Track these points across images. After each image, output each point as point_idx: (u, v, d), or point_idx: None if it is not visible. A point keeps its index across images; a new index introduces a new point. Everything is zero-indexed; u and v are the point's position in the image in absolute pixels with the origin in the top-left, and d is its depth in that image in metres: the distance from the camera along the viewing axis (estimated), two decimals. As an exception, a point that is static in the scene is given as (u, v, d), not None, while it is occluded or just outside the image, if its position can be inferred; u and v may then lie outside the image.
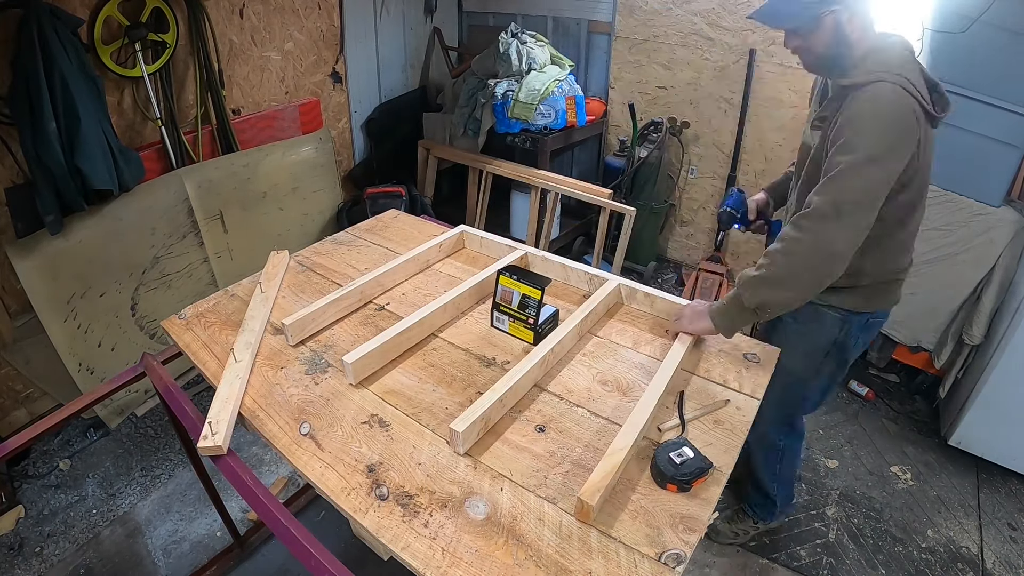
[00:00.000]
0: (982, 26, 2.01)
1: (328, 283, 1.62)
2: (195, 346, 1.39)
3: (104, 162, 2.11)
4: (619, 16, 3.39)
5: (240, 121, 2.83)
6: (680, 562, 0.89)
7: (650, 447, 1.10)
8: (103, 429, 2.46)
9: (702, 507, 0.99)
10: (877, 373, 2.87)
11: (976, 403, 2.22)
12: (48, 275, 2.17)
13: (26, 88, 1.94)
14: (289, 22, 2.97)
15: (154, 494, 2.20)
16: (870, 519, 2.13)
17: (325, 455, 1.09)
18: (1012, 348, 2.10)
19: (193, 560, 1.95)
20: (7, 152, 2.11)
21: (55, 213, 2.09)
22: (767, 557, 1.98)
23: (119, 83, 2.38)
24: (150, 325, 2.53)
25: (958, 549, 2.02)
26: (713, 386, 1.27)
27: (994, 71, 2.06)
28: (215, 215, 2.69)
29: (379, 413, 1.18)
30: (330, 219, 3.23)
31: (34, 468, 2.29)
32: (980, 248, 2.29)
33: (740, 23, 3.04)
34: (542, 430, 1.15)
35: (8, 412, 2.34)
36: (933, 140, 1.37)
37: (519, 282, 1.35)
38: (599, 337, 1.41)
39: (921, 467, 2.35)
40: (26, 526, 2.07)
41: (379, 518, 0.97)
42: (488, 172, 3.35)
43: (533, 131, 3.15)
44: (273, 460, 2.33)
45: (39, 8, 1.93)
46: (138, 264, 2.45)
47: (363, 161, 3.62)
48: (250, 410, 1.19)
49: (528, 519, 0.97)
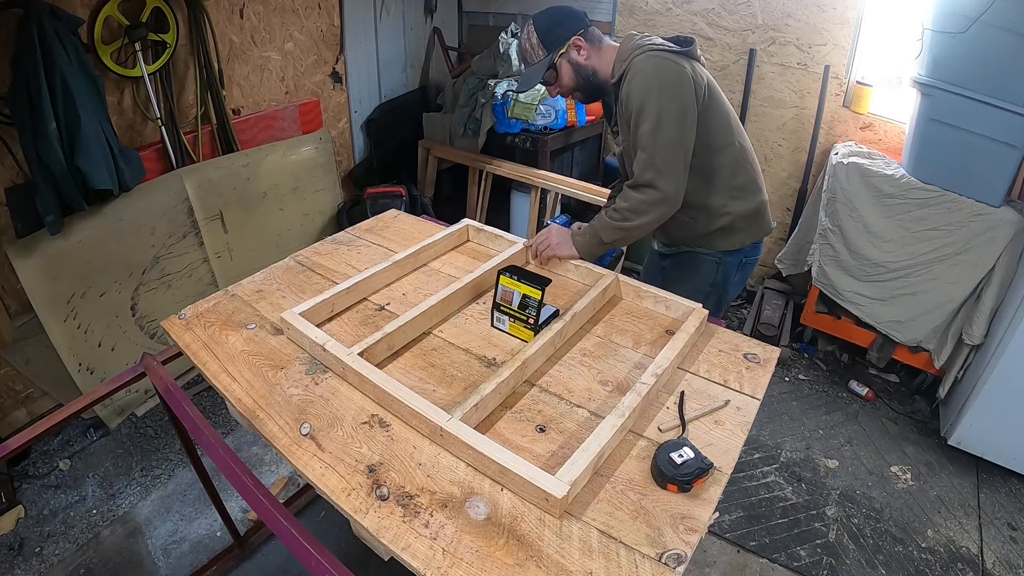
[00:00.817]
0: (982, 26, 2.01)
1: (328, 283, 1.62)
2: (195, 346, 1.39)
3: (104, 162, 2.11)
4: (619, 16, 3.39)
5: (240, 121, 2.83)
6: (681, 562, 0.89)
7: (650, 447, 1.10)
8: (103, 429, 2.46)
9: (702, 507, 0.99)
10: (877, 373, 2.87)
11: (976, 403, 2.22)
12: (48, 275, 2.17)
13: (26, 88, 1.93)
14: (289, 22, 2.97)
15: (154, 494, 2.20)
16: (870, 519, 2.13)
17: (325, 455, 1.09)
18: (1012, 348, 2.10)
19: (193, 560, 1.95)
20: (7, 152, 2.11)
21: (55, 213, 2.09)
22: (767, 557, 1.98)
23: (119, 83, 2.38)
24: (150, 325, 2.53)
25: (958, 549, 2.03)
26: (713, 386, 1.27)
27: (994, 71, 2.06)
28: (215, 215, 2.69)
29: (379, 413, 1.18)
30: (330, 219, 3.23)
31: (34, 468, 2.29)
32: (980, 248, 2.30)
33: (740, 23, 3.04)
34: (542, 430, 1.15)
35: (8, 412, 2.34)
36: (708, 75, 1.57)
37: (519, 282, 1.35)
38: (599, 337, 1.42)
39: (921, 467, 2.35)
40: (26, 526, 2.07)
41: (379, 518, 0.97)
42: (488, 172, 3.35)
43: (533, 131, 3.16)
44: (273, 460, 2.33)
45: (39, 8, 1.93)
46: (138, 264, 2.45)
47: (363, 161, 3.62)
48: (250, 410, 1.19)
49: (529, 519, 0.97)
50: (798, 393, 2.74)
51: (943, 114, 2.22)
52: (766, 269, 3.40)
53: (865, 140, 2.89)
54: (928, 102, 2.26)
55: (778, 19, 2.94)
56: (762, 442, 2.45)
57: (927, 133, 2.30)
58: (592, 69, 1.60)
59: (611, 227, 1.56)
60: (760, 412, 1.23)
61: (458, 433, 1.05)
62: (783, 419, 2.58)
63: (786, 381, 2.80)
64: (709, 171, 1.61)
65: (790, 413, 2.62)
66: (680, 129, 1.46)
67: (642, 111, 1.46)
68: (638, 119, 1.47)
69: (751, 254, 1.77)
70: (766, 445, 2.44)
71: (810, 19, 2.86)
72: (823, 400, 2.71)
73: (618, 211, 1.55)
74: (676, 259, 1.83)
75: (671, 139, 1.45)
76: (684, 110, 1.46)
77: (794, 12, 2.89)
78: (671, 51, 1.48)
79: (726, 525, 2.08)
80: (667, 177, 1.46)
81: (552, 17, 1.60)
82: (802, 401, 2.70)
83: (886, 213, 2.46)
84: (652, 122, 1.44)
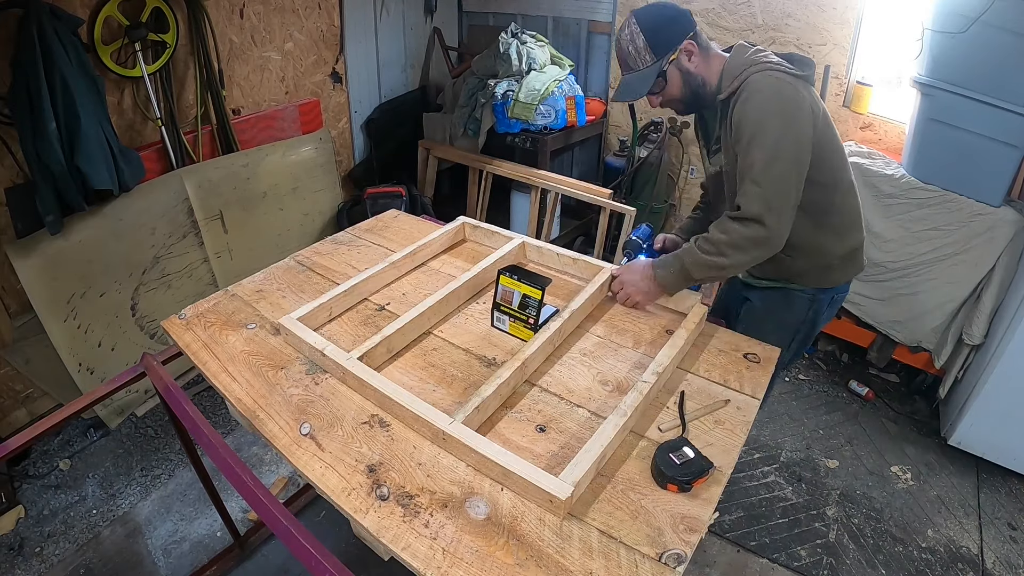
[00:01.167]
0: (982, 26, 2.01)
1: (328, 283, 1.62)
2: (195, 346, 1.39)
3: (104, 162, 2.11)
4: (619, 16, 3.39)
5: (240, 121, 2.83)
6: (681, 562, 0.89)
7: (651, 447, 1.10)
8: (103, 429, 2.46)
9: (702, 507, 0.99)
10: (877, 373, 2.87)
11: (976, 403, 2.22)
12: (48, 275, 2.17)
13: (26, 88, 1.93)
14: (289, 22, 2.97)
15: (154, 494, 2.20)
16: (870, 519, 2.13)
17: (325, 455, 1.09)
18: (1012, 348, 2.10)
19: (193, 560, 1.95)
20: (7, 152, 2.11)
21: (55, 213, 2.09)
22: (767, 557, 1.98)
23: (119, 83, 2.38)
24: (150, 325, 2.53)
25: (958, 549, 2.03)
26: (713, 386, 1.27)
27: (994, 71, 2.06)
28: (215, 215, 2.69)
29: (379, 413, 1.18)
30: (330, 219, 3.23)
31: (34, 468, 2.29)
32: (980, 248, 2.29)
33: (740, 23, 3.04)
34: (542, 430, 1.15)
35: (8, 412, 2.34)
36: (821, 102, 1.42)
37: (519, 282, 1.35)
38: (599, 337, 1.41)
39: (921, 467, 2.35)
40: (26, 526, 2.07)
41: (379, 518, 0.97)
42: (488, 172, 3.35)
43: (533, 131, 3.15)
44: (273, 460, 2.33)
45: (39, 8, 1.93)
46: (138, 264, 2.45)
47: (363, 161, 3.62)
48: (250, 410, 1.19)
49: (529, 519, 0.97)
50: (798, 393, 2.74)
51: (943, 114, 2.22)
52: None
53: (865, 140, 2.89)
54: (928, 102, 2.26)
55: (778, 19, 2.94)
56: (762, 442, 2.45)
57: (927, 133, 2.30)
58: (701, 78, 1.43)
59: (703, 263, 1.38)
60: (760, 412, 1.23)
61: (461, 437, 1.05)
62: (783, 419, 2.58)
63: (786, 381, 2.80)
64: (815, 208, 1.44)
65: (790, 413, 2.62)
66: (796, 164, 1.31)
67: (756, 138, 1.30)
68: (750, 146, 1.31)
69: (843, 290, 1.64)
70: (766, 445, 2.44)
71: (810, 19, 2.86)
72: (823, 400, 2.71)
73: (713, 244, 1.36)
74: (764, 293, 1.64)
75: (786, 173, 1.30)
76: (801, 143, 1.31)
77: (794, 12, 2.89)
78: (791, 73, 1.32)
79: (726, 525, 2.08)
80: (776, 214, 1.30)
81: (660, 16, 1.41)
82: (802, 401, 2.70)
83: (886, 213, 2.46)
84: (768, 152, 1.28)
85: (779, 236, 1.32)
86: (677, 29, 1.39)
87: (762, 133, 1.29)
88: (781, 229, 1.32)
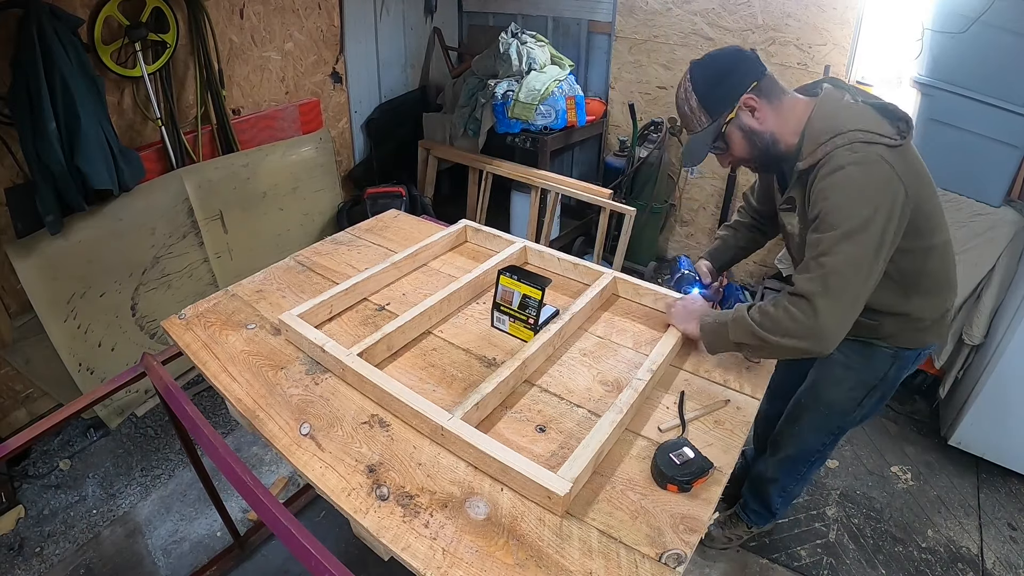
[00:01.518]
0: (982, 26, 2.01)
1: (328, 283, 1.62)
2: (195, 346, 1.39)
3: (104, 162, 2.11)
4: (619, 16, 3.39)
5: (240, 121, 2.83)
6: (680, 562, 0.89)
7: (650, 447, 1.10)
8: (103, 429, 2.46)
9: (702, 507, 0.99)
10: (877, 373, 2.87)
11: (976, 403, 2.22)
12: (48, 275, 2.17)
13: (26, 88, 1.93)
14: (289, 22, 2.97)
15: (154, 494, 2.20)
16: (870, 519, 2.13)
17: (325, 455, 1.09)
18: (1012, 348, 2.10)
19: (193, 560, 1.95)
20: (7, 152, 2.11)
21: (55, 213, 2.09)
22: (767, 557, 1.98)
23: (119, 83, 2.38)
24: (150, 325, 2.53)
25: (958, 549, 2.03)
26: (713, 386, 1.27)
27: (994, 71, 2.06)
28: (215, 215, 2.69)
29: (379, 413, 1.18)
30: (330, 219, 3.23)
31: (34, 468, 2.29)
32: (980, 248, 2.29)
33: (740, 23, 3.04)
34: (542, 430, 1.15)
35: (8, 412, 2.34)
36: (919, 161, 1.27)
37: (520, 282, 1.35)
38: (599, 337, 1.42)
39: (921, 467, 2.35)
40: (26, 526, 2.07)
41: (379, 518, 0.97)
42: (488, 172, 3.35)
43: (533, 131, 3.15)
44: (273, 460, 2.33)
45: (39, 8, 1.92)
46: (138, 264, 2.45)
47: (363, 161, 3.62)
48: (250, 410, 1.19)
49: (529, 519, 0.97)
50: (798, 393, 2.74)
51: (943, 114, 2.22)
52: (766, 269, 3.41)
53: (865, 140, 2.89)
54: (928, 102, 2.26)
55: (778, 19, 2.94)
56: (762, 442, 2.45)
57: (927, 133, 2.30)
58: (771, 136, 1.28)
59: (747, 329, 1.23)
60: (760, 412, 1.23)
61: (459, 432, 1.05)
62: (783, 419, 2.58)
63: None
64: (907, 275, 1.32)
65: (790, 413, 2.62)
66: (874, 254, 1.15)
67: (832, 215, 1.15)
68: (824, 223, 1.17)
69: (932, 348, 1.51)
70: (766, 445, 2.44)
71: (810, 19, 2.87)
72: (823, 400, 2.70)
73: (765, 315, 1.22)
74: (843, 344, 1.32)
75: (856, 260, 1.14)
76: (885, 232, 1.15)
77: (794, 12, 2.89)
78: (884, 143, 1.15)
79: (726, 525, 2.08)
80: (832, 302, 1.15)
81: (715, 70, 1.27)
82: (802, 401, 2.70)
83: (886, 213, 2.45)
84: (842, 232, 1.14)
85: (829, 336, 1.17)
86: (734, 82, 1.26)
87: (841, 213, 1.14)
88: (833, 327, 1.16)
